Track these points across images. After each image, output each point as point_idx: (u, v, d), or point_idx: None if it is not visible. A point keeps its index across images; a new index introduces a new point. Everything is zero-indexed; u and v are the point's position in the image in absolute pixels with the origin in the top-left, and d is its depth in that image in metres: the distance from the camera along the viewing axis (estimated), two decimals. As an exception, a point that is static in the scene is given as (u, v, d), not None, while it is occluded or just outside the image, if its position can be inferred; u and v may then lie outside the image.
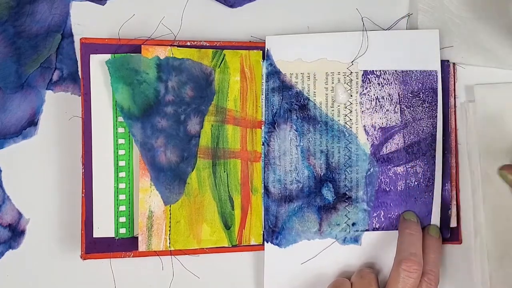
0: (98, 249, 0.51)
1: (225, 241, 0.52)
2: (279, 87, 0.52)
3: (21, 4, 0.52)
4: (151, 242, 0.50)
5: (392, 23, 0.55)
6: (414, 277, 0.48)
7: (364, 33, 0.53)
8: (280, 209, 0.52)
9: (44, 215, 0.53)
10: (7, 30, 0.52)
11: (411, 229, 0.51)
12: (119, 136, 0.51)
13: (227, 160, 0.52)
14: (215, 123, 0.52)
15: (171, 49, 0.51)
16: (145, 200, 0.50)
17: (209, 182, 0.52)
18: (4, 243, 0.52)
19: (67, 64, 0.53)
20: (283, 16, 0.54)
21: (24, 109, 0.53)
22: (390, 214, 0.53)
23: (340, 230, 0.53)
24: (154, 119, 0.50)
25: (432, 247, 0.51)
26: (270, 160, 0.52)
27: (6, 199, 0.53)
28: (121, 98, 0.50)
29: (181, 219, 0.51)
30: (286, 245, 0.52)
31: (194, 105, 0.51)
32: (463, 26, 0.54)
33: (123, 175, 0.51)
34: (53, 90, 0.53)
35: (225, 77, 0.52)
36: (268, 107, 0.52)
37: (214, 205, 0.52)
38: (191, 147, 0.51)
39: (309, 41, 0.53)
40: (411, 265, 0.48)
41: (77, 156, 0.52)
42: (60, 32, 0.53)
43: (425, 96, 0.52)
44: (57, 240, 0.53)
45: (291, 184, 0.52)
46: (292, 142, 0.52)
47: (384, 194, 0.53)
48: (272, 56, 0.53)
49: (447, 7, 0.54)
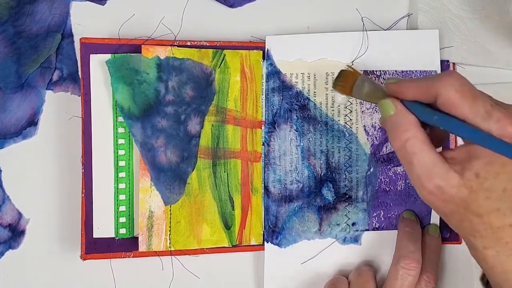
0: (98, 249, 0.51)
1: (225, 241, 0.52)
2: (279, 87, 0.52)
3: (21, 4, 0.52)
4: (151, 242, 0.50)
5: (392, 23, 0.55)
6: (412, 275, 0.48)
7: (364, 33, 0.53)
8: (280, 209, 0.52)
9: (44, 215, 0.53)
10: (7, 30, 0.52)
11: (410, 227, 0.51)
12: (119, 136, 0.51)
13: (228, 160, 0.52)
14: (216, 123, 0.52)
15: (171, 49, 0.51)
16: (145, 200, 0.50)
17: (209, 182, 0.52)
18: (4, 243, 0.52)
19: (67, 64, 0.53)
20: (283, 16, 0.54)
21: (24, 109, 0.53)
22: (390, 214, 0.53)
23: (340, 230, 0.53)
24: (154, 119, 0.50)
25: (432, 246, 0.51)
26: (270, 160, 0.52)
27: (6, 199, 0.52)
28: (121, 98, 0.50)
29: (181, 219, 0.51)
30: (286, 245, 0.53)
31: (195, 105, 0.51)
32: (463, 26, 0.54)
33: (123, 175, 0.51)
34: (53, 90, 0.53)
35: (225, 77, 0.52)
36: (268, 107, 0.52)
37: (214, 205, 0.52)
38: (191, 147, 0.51)
39: (309, 41, 0.53)
40: (410, 262, 0.48)
41: (77, 156, 0.51)
42: (60, 32, 0.53)
43: (425, 96, 0.53)
44: (57, 240, 0.53)
45: (291, 184, 0.52)
46: (292, 142, 0.52)
47: (384, 194, 0.53)
48: (272, 56, 0.53)
49: (447, 7, 0.54)
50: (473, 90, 0.40)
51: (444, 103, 0.40)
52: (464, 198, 0.40)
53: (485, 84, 0.54)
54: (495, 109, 0.39)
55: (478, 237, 0.41)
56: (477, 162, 0.39)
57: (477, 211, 0.40)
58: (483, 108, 0.39)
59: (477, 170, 0.39)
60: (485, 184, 0.39)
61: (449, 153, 0.41)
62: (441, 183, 0.40)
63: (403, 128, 0.41)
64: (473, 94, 0.40)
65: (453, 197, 0.40)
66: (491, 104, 0.39)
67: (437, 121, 0.41)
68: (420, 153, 0.40)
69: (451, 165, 0.40)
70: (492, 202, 0.39)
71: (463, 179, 0.39)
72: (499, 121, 0.39)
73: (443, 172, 0.40)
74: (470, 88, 0.40)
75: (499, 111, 0.39)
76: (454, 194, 0.40)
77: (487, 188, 0.39)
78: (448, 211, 0.41)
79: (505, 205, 0.39)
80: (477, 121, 0.39)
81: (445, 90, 0.40)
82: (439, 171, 0.40)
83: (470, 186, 0.39)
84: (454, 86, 0.40)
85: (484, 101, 0.39)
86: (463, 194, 0.40)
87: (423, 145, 0.41)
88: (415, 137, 0.41)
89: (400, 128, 0.41)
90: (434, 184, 0.40)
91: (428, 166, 0.40)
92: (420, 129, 0.41)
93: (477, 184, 0.39)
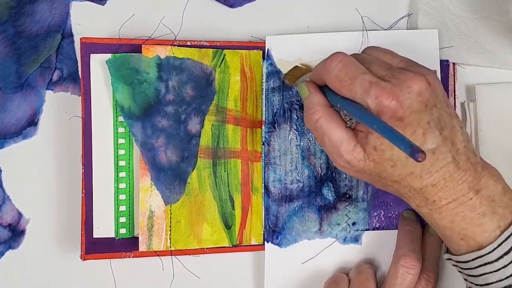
0: (98, 249, 0.51)
1: (226, 241, 0.52)
2: (279, 86, 0.52)
3: (21, 4, 0.52)
4: (152, 242, 0.50)
5: (392, 23, 0.55)
6: (412, 273, 0.48)
7: (364, 33, 0.53)
8: (280, 209, 0.52)
9: (44, 215, 0.53)
10: (7, 30, 0.52)
11: (410, 226, 0.51)
12: (119, 136, 0.51)
13: (228, 159, 0.52)
14: (216, 123, 0.52)
15: (172, 48, 0.51)
16: (146, 200, 0.50)
17: (210, 181, 0.52)
18: (4, 243, 0.52)
19: (67, 64, 0.53)
20: (283, 16, 0.54)
21: (24, 109, 0.53)
22: (390, 214, 0.53)
23: (341, 230, 0.53)
24: (155, 118, 0.50)
25: (432, 246, 0.51)
26: (270, 160, 0.52)
27: (6, 199, 0.52)
28: (121, 98, 0.50)
29: (181, 219, 0.51)
30: (286, 245, 0.52)
31: (195, 105, 0.51)
32: (463, 26, 0.54)
33: (123, 175, 0.51)
34: (53, 90, 0.53)
35: (226, 77, 0.52)
36: (268, 107, 0.52)
37: (214, 205, 0.52)
38: (191, 147, 0.51)
39: (309, 40, 0.53)
40: (410, 261, 0.48)
41: (77, 156, 0.51)
42: (60, 32, 0.53)
43: (425, 96, 0.52)
44: (57, 240, 0.53)
45: (291, 183, 0.52)
46: (292, 142, 0.52)
47: (384, 194, 0.53)
48: (272, 56, 0.53)
49: (447, 7, 0.54)
50: (352, 71, 0.42)
51: (331, 88, 0.43)
52: (373, 169, 0.43)
53: (485, 84, 0.54)
54: (374, 85, 0.41)
55: (407, 198, 0.44)
56: (372, 136, 0.42)
57: (391, 178, 0.43)
58: (360, 88, 0.41)
59: (374, 143, 0.42)
60: (385, 155, 0.42)
61: (358, 126, 0.44)
62: (349, 157, 0.43)
63: (313, 110, 0.44)
64: (352, 75, 0.42)
65: (363, 169, 0.43)
66: (371, 81, 0.41)
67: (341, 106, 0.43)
68: (329, 133, 0.44)
69: (356, 141, 0.43)
70: (400, 169, 0.42)
71: (366, 153, 0.42)
72: (376, 97, 0.40)
73: (350, 149, 0.43)
74: (349, 69, 0.42)
75: (378, 87, 0.40)
76: (363, 167, 0.43)
77: (389, 158, 0.42)
78: (367, 179, 0.45)
79: (418, 169, 0.41)
80: (358, 101, 0.41)
81: (327, 76, 0.43)
82: (346, 148, 0.43)
83: (374, 159, 0.42)
84: (333, 71, 0.43)
85: (362, 80, 0.41)
86: (370, 166, 0.43)
87: (331, 125, 0.44)
88: (323, 117, 0.44)
89: (311, 109, 0.45)
90: (344, 159, 0.43)
91: (337, 144, 0.43)
92: (327, 109, 0.44)
93: (378, 156, 0.42)
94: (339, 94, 0.43)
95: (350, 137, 0.43)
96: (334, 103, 0.44)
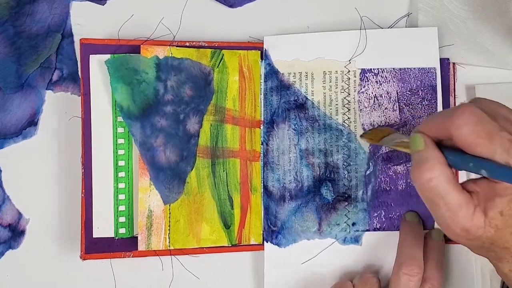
0: (98, 249, 0.51)
1: (225, 241, 0.52)
2: (277, 86, 0.53)
3: (21, 4, 0.52)
4: (151, 241, 0.50)
5: (391, 23, 0.55)
6: (414, 281, 0.47)
7: (362, 32, 0.53)
8: (279, 209, 0.52)
9: (44, 215, 0.53)
10: (7, 30, 0.52)
11: (412, 230, 0.51)
12: (118, 136, 0.51)
13: (226, 159, 0.52)
14: (214, 123, 0.52)
15: (170, 48, 0.51)
16: (145, 200, 0.50)
17: (209, 181, 0.52)
18: (4, 243, 0.53)
19: (67, 64, 0.53)
20: (282, 16, 0.54)
21: (24, 109, 0.53)
22: (391, 214, 0.53)
23: (340, 230, 0.52)
24: (154, 118, 0.50)
25: (435, 251, 0.50)
26: (269, 160, 0.52)
27: (6, 199, 0.53)
28: (120, 98, 0.50)
29: (180, 218, 0.51)
30: (285, 244, 0.52)
31: (193, 105, 0.51)
32: (463, 26, 0.54)
33: (122, 175, 0.51)
34: (53, 90, 0.53)
35: (224, 77, 0.52)
36: (267, 107, 0.52)
37: (213, 204, 0.52)
38: (190, 147, 0.51)
39: (307, 40, 0.53)
40: (412, 268, 0.47)
41: (77, 156, 0.52)
42: (60, 32, 0.53)
43: (424, 94, 0.52)
44: (57, 240, 0.53)
45: (290, 183, 0.52)
46: (291, 142, 0.52)
47: (384, 194, 0.52)
48: (270, 56, 0.53)
49: (447, 7, 0.54)
50: (489, 127, 0.38)
51: (459, 144, 0.39)
52: (490, 237, 0.39)
53: (485, 84, 0.54)
54: None
55: (505, 263, 0.40)
56: (501, 200, 0.38)
57: (503, 245, 0.39)
58: (500, 147, 0.37)
59: (501, 208, 0.38)
60: (510, 221, 0.38)
61: (471, 186, 0.40)
62: (467, 225, 0.39)
63: (428, 166, 0.40)
64: (489, 132, 0.38)
65: (480, 237, 0.39)
66: (510, 140, 0.37)
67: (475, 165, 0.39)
68: (446, 195, 0.39)
69: (475, 205, 0.39)
70: None
71: (488, 219, 0.39)
72: None
73: (469, 215, 0.39)
74: (485, 125, 0.38)
75: None
76: (481, 235, 0.39)
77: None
78: (474, 246, 0.41)
79: None
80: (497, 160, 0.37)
81: (459, 131, 0.38)
82: (465, 214, 0.39)
83: (496, 225, 0.39)
84: (468, 125, 0.38)
85: (501, 138, 0.37)
86: (490, 233, 0.39)
87: (449, 186, 0.39)
88: (441, 176, 0.39)
89: (425, 165, 0.40)
90: (461, 227, 0.39)
91: (454, 208, 0.39)
92: (445, 168, 0.40)
93: (502, 222, 0.38)
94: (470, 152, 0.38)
95: (467, 200, 0.39)
96: (461, 162, 0.39)
